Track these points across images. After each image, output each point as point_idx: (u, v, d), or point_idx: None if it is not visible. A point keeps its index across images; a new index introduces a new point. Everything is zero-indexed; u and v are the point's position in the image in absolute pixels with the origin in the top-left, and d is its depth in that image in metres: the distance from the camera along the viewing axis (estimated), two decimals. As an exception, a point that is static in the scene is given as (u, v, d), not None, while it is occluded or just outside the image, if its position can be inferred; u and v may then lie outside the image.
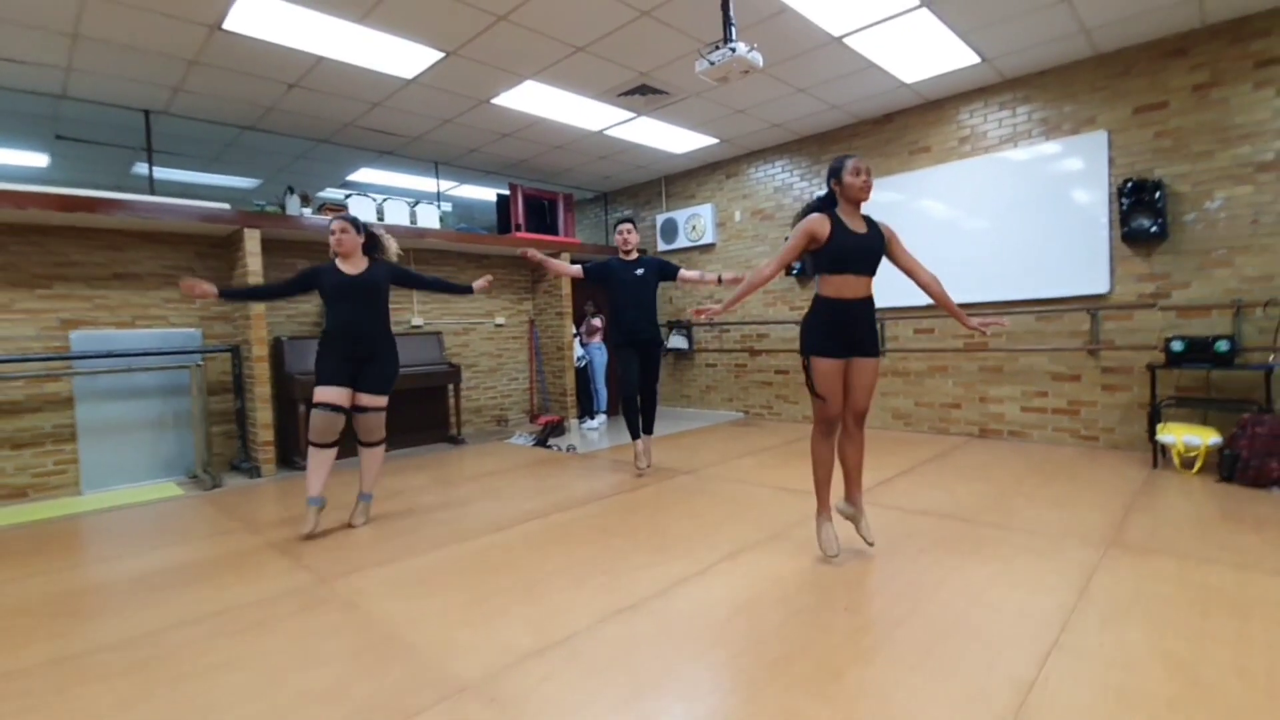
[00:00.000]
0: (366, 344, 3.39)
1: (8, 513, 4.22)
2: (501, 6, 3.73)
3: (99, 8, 3.54)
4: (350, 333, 3.35)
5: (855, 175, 2.61)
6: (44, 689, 1.95)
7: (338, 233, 3.35)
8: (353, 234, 3.39)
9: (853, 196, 2.63)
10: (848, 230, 2.60)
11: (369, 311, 3.41)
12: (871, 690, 1.75)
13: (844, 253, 2.56)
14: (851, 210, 2.65)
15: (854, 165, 2.62)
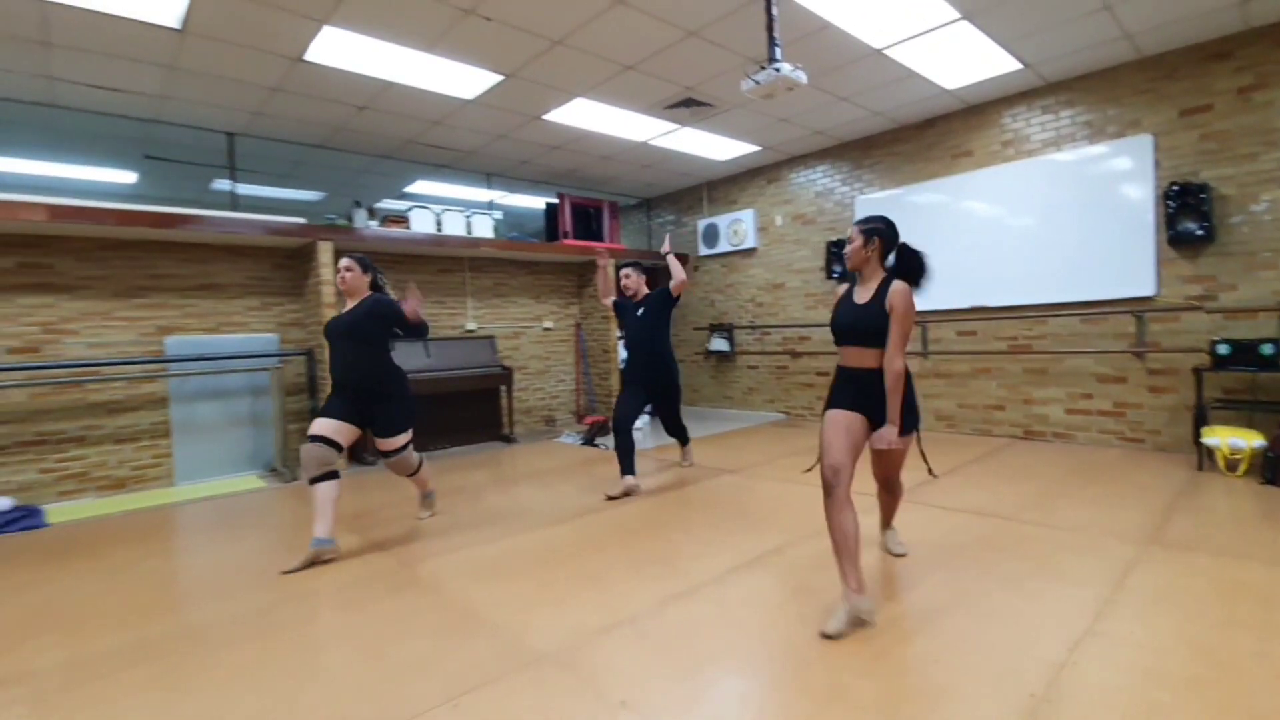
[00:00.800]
0: (366, 384, 3.26)
1: (112, 502, 4.66)
2: (557, 32, 3.99)
3: (196, 45, 3.92)
4: (343, 375, 3.26)
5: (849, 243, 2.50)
6: (177, 653, 2.27)
7: (342, 270, 3.30)
8: (357, 272, 3.31)
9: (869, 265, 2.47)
10: (846, 300, 2.50)
11: (357, 350, 3.25)
12: (912, 667, 1.93)
13: (834, 325, 2.51)
14: (868, 275, 2.46)
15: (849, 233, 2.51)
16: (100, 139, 5.59)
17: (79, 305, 4.74)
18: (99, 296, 4.82)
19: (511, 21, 3.82)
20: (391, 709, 1.83)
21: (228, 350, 5.27)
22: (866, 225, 2.45)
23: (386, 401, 3.30)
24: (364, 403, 3.26)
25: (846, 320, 2.44)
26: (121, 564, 3.30)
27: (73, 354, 4.71)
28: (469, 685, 1.95)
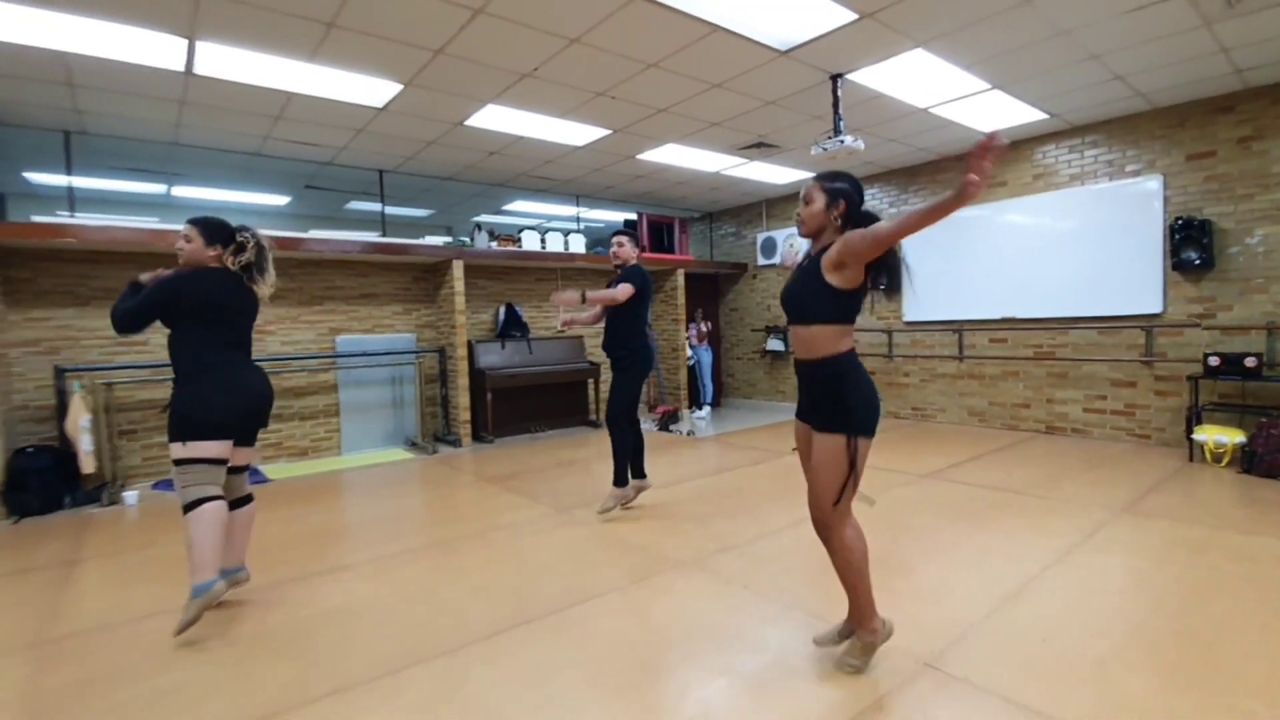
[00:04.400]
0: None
1: (300, 466, 5.97)
2: (664, 104, 5.05)
3: (387, 117, 5.10)
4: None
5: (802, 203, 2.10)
6: (439, 553, 3.44)
7: (179, 240, 2.66)
8: (199, 243, 2.64)
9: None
10: (797, 268, 2.12)
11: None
12: (926, 577, 2.96)
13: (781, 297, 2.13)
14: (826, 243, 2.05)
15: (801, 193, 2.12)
16: (274, 173, 6.91)
17: (276, 311, 6.04)
18: (290, 304, 6.12)
19: (631, 99, 4.89)
20: (588, 587, 2.95)
21: (380, 347, 6.54)
22: (831, 184, 2.03)
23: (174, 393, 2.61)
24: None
25: (785, 291, 2.04)
26: (345, 505, 4.55)
27: (271, 349, 6.02)
28: (636, 578, 3.05)
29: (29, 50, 3.74)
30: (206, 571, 2.51)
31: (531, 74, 4.37)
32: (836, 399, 1.95)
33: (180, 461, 2.55)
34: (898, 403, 7.62)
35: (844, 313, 2.01)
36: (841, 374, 1.97)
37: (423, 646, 2.43)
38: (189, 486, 2.55)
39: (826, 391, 1.97)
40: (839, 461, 1.95)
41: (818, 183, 2.08)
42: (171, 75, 4.16)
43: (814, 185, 2.07)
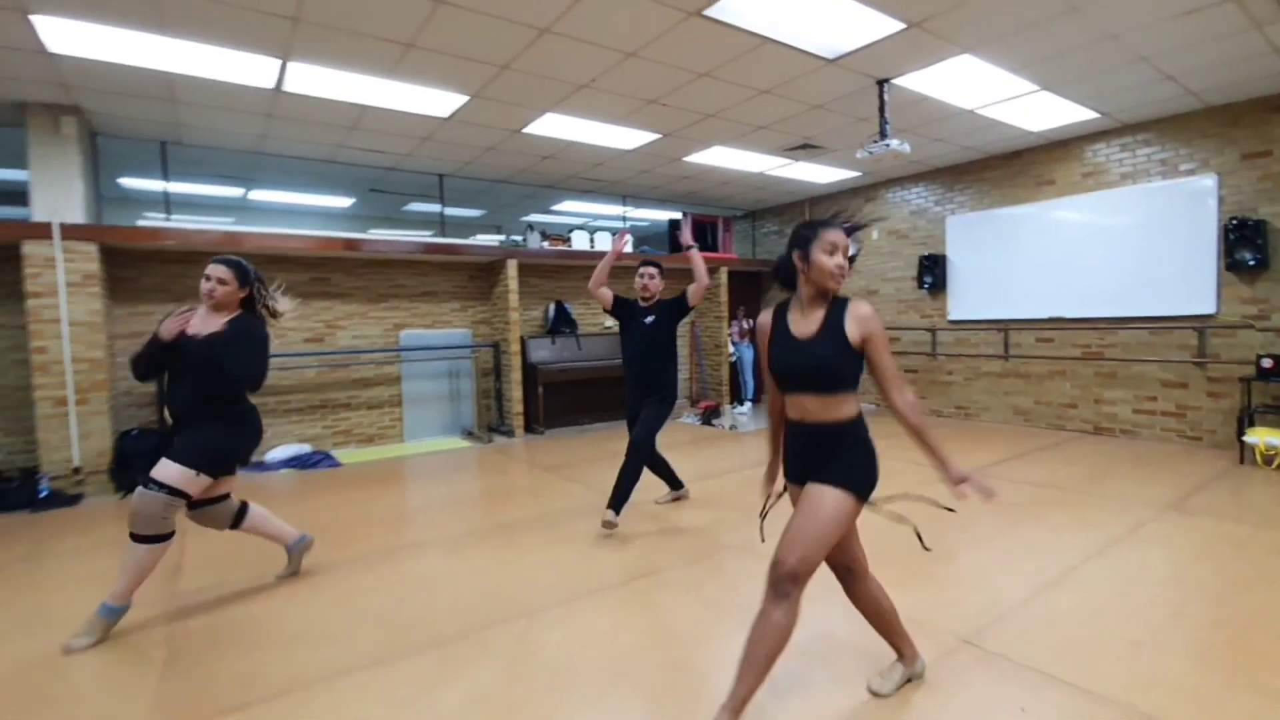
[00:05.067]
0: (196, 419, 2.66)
1: (367, 452, 6.37)
2: (713, 109, 5.24)
3: (451, 126, 5.43)
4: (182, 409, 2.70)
5: (829, 253, 1.80)
6: (505, 535, 3.73)
7: (212, 281, 2.65)
8: (233, 287, 2.68)
9: (819, 283, 1.83)
10: (789, 334, 1.87)
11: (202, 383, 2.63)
12: (973, 567, 3.11)
13: (778, 367, 1.89)
14: (812, 299, 1.86)
15: (831, 238, 1.81)
16: (343, 178, 7.33)
17: (347, 308, 6.46)
18: (359, 301, 6.53)
19: (682, 106, 5.10)
20: (646, 565, 3.19)
21: (439, 342, 6.92)
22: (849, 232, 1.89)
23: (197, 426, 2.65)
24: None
25: (796, 361, 1.85)
26: (413, 489, 4.90)
27: (342, 343, 6.44)
28: (690, 559, 3.28)
29: (140, 71, 4.15)
30: (128, 597, 2.54)
31: (589, 85, 4.62)
32: (854, 458, 1.86)
33: (176, 491, 2.53)
34: (941, 400, 7.67)
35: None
36: (864, 436, 1.89)
37: (503, 611, 2.71)
38: (169, 518, 2.53)
39: (844, 450, 1.85)
40: (846, 519, 1.82)
41: (844, 231, 1.86)
42: (263, 92, 4.54)
43: (839, 234, 1.82)
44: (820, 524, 1.79)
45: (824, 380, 1.82)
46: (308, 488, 5.03)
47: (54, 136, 4.67)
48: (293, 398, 6.17)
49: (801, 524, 1.80)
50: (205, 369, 2.60)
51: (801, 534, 1.79)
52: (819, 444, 1.86)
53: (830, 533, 1.80)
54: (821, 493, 1.82)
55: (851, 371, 1.83)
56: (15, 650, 2.47)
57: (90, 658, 2.40)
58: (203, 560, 3.45)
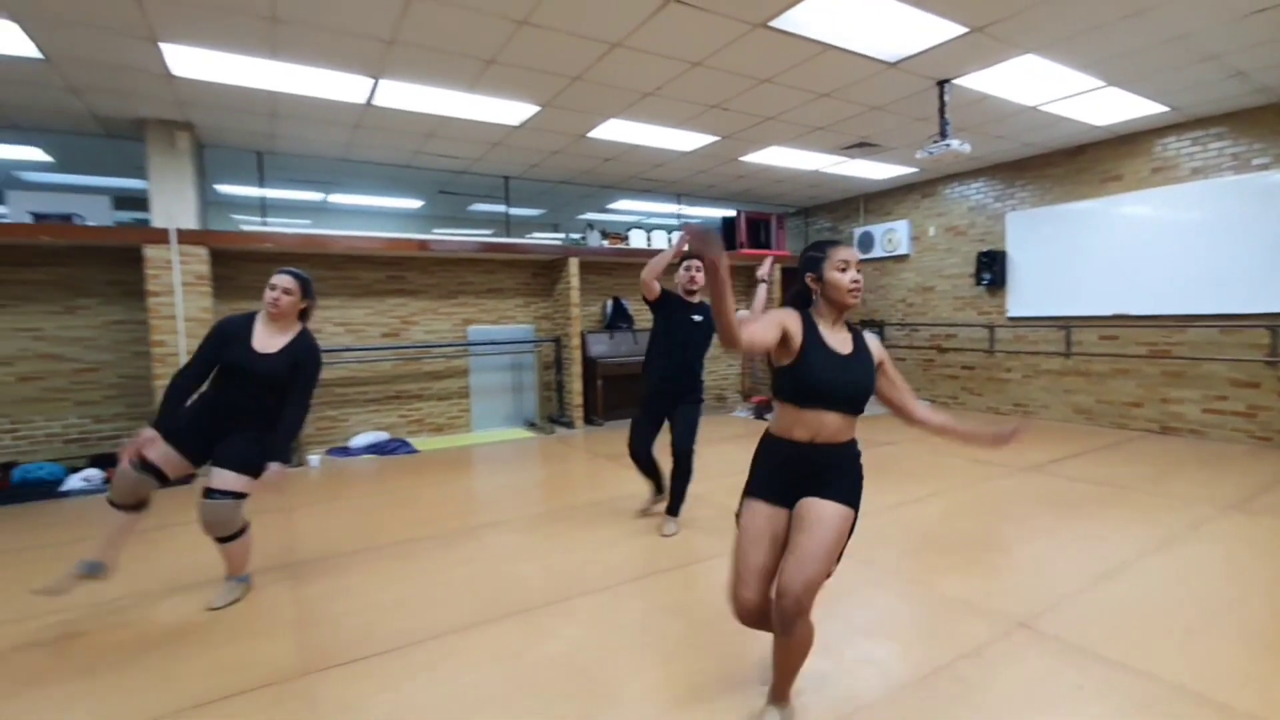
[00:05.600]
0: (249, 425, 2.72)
1: (439, 440, 6.77)
2: (772, 112, 5.39)
3: (521, 133, 5.73)
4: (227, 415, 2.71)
5: (842, 270, 1.82)
6: (575, 519, 4.01)
7: (278, 290, 2.72)
8: (296, 296, 2.77)
9: (837, 301, 1.84)
10: (828, 348, 1.82)
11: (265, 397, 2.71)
12: (1029, 558, 3.23)
13: (818, 380, 1.79)
14: (832, 318, 1.87)
15: (842, 256, 1.84)
16: (416, 181, 7.76)
17: (420, 304, 6.87)
18: (431, 298, 6.94)
19: (742, 110, 5.27)
20: (710, 549, 3.41)
21: (504, 337, 7.28)
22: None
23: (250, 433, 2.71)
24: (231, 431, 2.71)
25: (841, 378, 1.80)
26: (485, 474, 5.24)
27: (416, 338, 6.86)
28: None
29: (248, 91, 4.57)
30: (245, 569, 2.92)
31: (654, 92, 4.84)
32: (854, 476, 1.87)
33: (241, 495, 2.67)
34: (998, 398, 7.62)
35: None
36: (859, 454, 1.91)
37: (583, 585, 2.97)
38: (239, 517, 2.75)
39: (846, 469, 1.85)
40: (844, 534, 1.79)
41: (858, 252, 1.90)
42: (354, 107, 4.93)
43: (854, 253, 1.88)
44: (829, 543, 1.73)
45: (862, 400, 1.83)
46: (389, 472, 5.43)
47: (170, 149, 5.17)
48: (370, 388, 6.61)
49: (810, 545, 1.71)
50: (275, 383, 2.69)
51: (811, 556, 1.70)
52: (823, 465, 1.81)
53: (835, 550, 1.75)
54: (827, 510, 1.75)
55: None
56: (169, 605, 2.86)
57: (234, 612, 2.77)
58: (310, 536, 3.84)
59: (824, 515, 1.75)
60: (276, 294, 2.72)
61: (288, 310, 2.76)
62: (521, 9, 3.52)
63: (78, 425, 5.37)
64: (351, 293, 6.47)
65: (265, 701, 2.10)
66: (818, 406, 1.79)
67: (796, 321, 1.82)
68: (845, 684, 2.15)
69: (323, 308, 6.32)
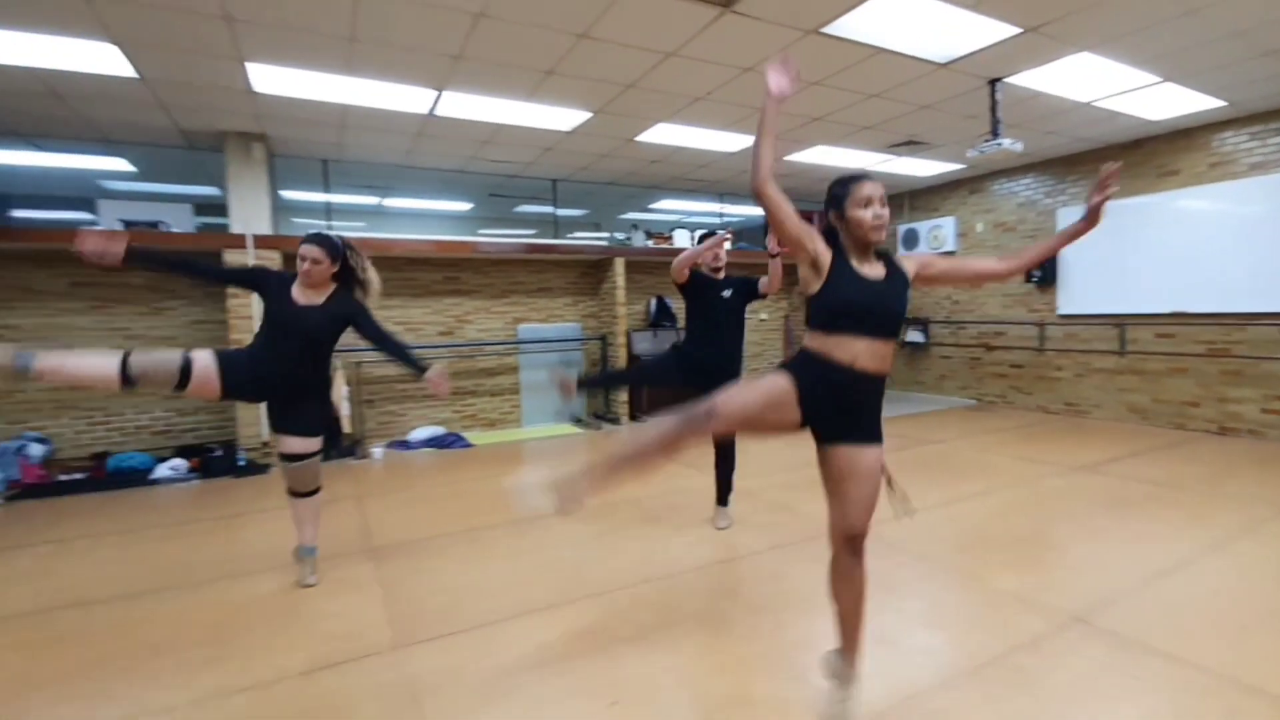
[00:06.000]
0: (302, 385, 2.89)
1: (491, 435, 7.03)
2: (820, 111, 5.46)
3: (571, 138, 5.91)
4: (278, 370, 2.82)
5: (863, 206, 1.79)
6: (602, 514, 4.17)
7: (307, 262, 2.77)
8: (325, 265, 2.81)
9: (860, 238, 1.81)
10: (856, 273, 1.81)
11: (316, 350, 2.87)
12: (1083, 556, 3.27)
13: (851, 303, 1.77)
14: (861, 254, 1.84)
15: (865, 192, 1.80)
16: (468, 185, 8.02)
17: (474, 304, 7.13)
18: (484, 298, 7.20)
19: (790, 111, 5.36)
20: (767, 541, 3.53)
21: (553, 335, 7.49)
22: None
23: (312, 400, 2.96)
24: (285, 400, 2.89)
25: (871, 300, 1.79)
26: (545, 466, 5.43)
27: (470, 336, 7.13)
28: (808, 537, 3.59)
29: (322, 104, 4.85)
30: (316, 538, 3.12)
31: (704, 97, 4.96)
32: (880, 411, 1.90)
33: (315, 454, 2.96)
34: (1048, 397, 7.53)
35: None
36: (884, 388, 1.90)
37: (649, 570, 3.14)
38: (319, 473, 3.03)
39: (877, 404, 1.88)
40: (880, 471, 1.87)
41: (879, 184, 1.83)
42: (417, 117, 5.17)
43: (878, 188, 1.82)
44: (877, 488, 1.86)
45: (893, 324, 1.82)
46: (448, 465, 5.69)
47: (246, 159, 5.50)
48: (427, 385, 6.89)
49: (869, 491, 1.84)
50: (317, 336, 2.82)
51: (870, 502, 1.85)
52: (862, 395, 1.82)
53: (879, 490, 1.87)
54: (871, 456, 1.84)
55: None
56: (263, 582, 3.13)
57: (325, 590, 3.02)
58: (384, 523, 4.09)
59: (873, 466, 1.85)
60: (307, 265, 2.79)
61: (319, 280, 2.84)
62: (582, 23, 3.68)
63: (164, 418, 5.76)
64: (411, 293, 6.77)
65: (371, 669, 2.32)
66: (848, 331, 1.78)
67: (826, 249, 1.82)
68: (903, 671, 2.26)
69: (384, 308, 6.62)
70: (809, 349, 1.84)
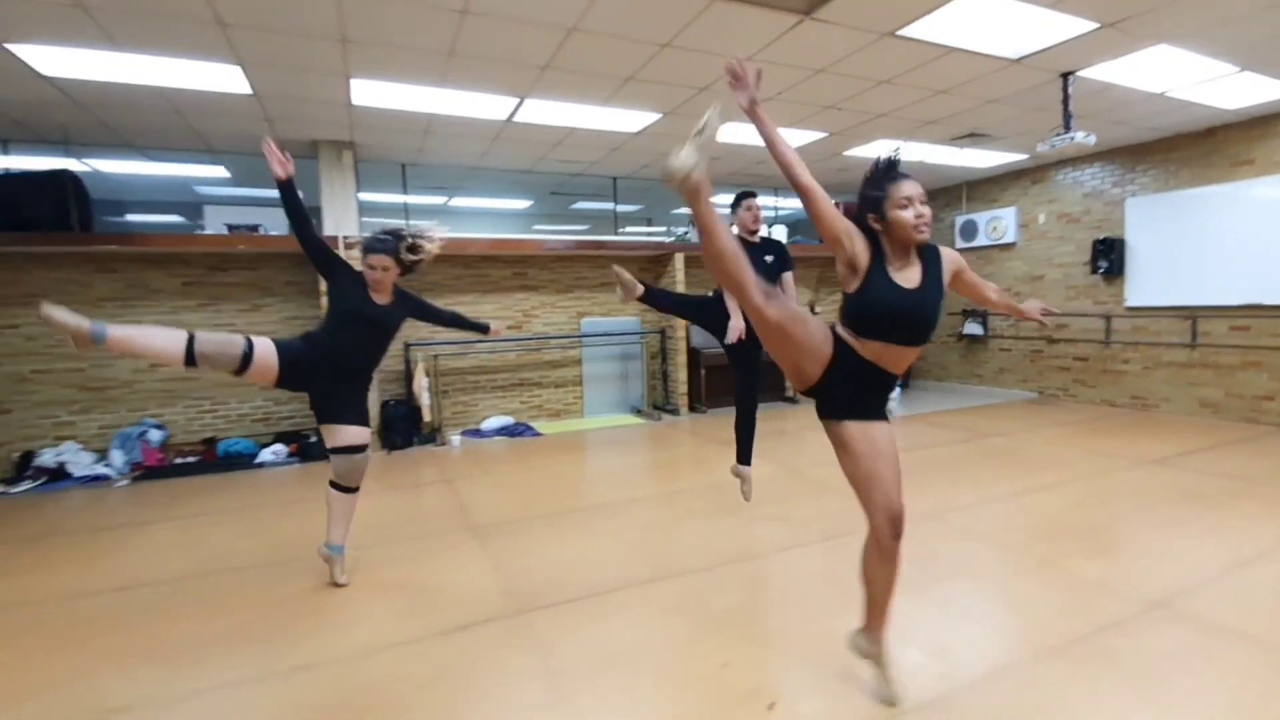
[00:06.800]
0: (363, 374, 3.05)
1: (557, 425, 7.32)
2: (886, 108, 5.53)
3: (639, 139, 6.11)
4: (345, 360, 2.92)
5: (904, 207, 1.78)
6: (681, 499, 4.38)
7: (377, 271, 2.89)
8: (394, 272, 2.95)
9: (904, 239, 1.80)
10: (890, 281, 1.80)
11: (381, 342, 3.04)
12: (1160, 546, 3.35)
13: (882, 314, 1.79)
14: (902, 254, 1.84)
15: (904, 192, 1.78)
16: (532, 184, 8.31)
17: (540, 298, 7.43)
18: (550, 292, 7.49)
19: (856, 109, 5.45)
20: (842, 526, 3.70)
21: (614, 328, 7.74)
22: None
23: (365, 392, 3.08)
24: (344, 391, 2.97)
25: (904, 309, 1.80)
26: (609, 455, 5.70)
27: (536, 330, 7.43)
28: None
29: (412, 114, 5.16)
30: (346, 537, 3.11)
31: (774, 97, 5.10)
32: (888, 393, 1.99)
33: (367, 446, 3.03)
34: (1113, 390, 7.44)
35: None
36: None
37: (734, 553, 3.35)
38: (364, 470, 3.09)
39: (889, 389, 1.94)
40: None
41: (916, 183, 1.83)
42: (496, 123, 5.45)
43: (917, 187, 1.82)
44: (898, 461, 1.89)
45: (928, 333, 1.85)
46: (522, 452, 6.00)
47: (337, 165, 5.88)
48: (498, 376, 7.24)
49: (896, 467, 1.87)
50: (386, 329, 2.99)
51: (899, 474, 1.88)
52: (880, 386, 1.88)
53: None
54: (887, 430, 1.89)
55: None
56: (378, 554, 3.44)
57: (440, 561, 3.31)
58: (476, 505, 4.39)
59: (892, 440, 1.89)
60: (377, 274, 2.91)
61: (387, 285, 2.97)
62: (667, 34, 3.88)
63: (263, 407, 6.22)
64: (484, 289, 7.10)
65: (495, 631, 2.59)
66: (877, 338, 1.81)
67: (865, 246, 1.80)
68: (994, 647, 2.42)
69: (459, 303, 6.98)
70: (840, 336, 1.87)
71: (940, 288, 1.88)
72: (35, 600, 3.03)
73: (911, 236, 1.79)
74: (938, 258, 1.90)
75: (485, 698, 2.15)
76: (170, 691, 2.25)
